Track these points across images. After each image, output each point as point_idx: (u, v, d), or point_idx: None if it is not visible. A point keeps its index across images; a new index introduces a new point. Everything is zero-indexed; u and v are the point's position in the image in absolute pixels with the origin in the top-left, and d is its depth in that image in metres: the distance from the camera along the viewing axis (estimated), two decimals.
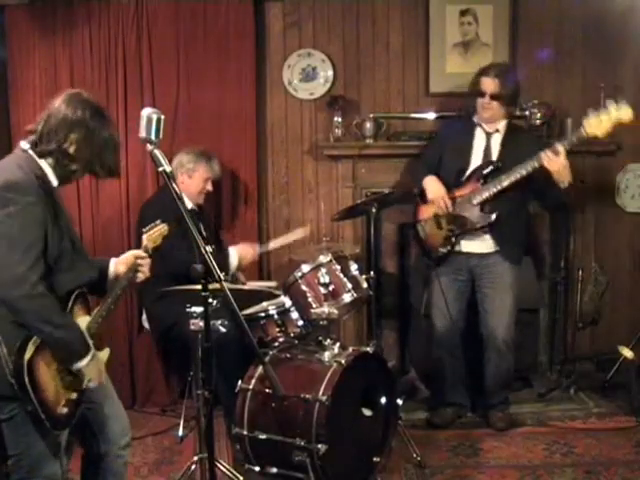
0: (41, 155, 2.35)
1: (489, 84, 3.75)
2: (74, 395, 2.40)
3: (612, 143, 4.50)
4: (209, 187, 4.01)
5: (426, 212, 3.95)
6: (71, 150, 2.35)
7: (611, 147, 4.53)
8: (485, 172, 3.79)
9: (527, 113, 4.45)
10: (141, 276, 2.62)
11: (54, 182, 2.38)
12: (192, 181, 3.95)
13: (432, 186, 3.87)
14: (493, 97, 3.75)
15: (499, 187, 3.71)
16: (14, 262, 2.18)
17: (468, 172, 3.84)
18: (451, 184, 3.86)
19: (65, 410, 2.36)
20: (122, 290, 2.55)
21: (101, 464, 2.60)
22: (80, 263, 2.44)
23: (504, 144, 3.83)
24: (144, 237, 2.66)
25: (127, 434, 2.66)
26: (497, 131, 3.86)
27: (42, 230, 2.26)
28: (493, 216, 3.77)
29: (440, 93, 4.50)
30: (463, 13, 4.48)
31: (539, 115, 4.40)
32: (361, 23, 4.51)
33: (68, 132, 2.34)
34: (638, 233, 4.70)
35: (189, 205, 3.89)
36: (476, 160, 3.84)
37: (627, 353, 4.19)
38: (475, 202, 3.78)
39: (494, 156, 3.82)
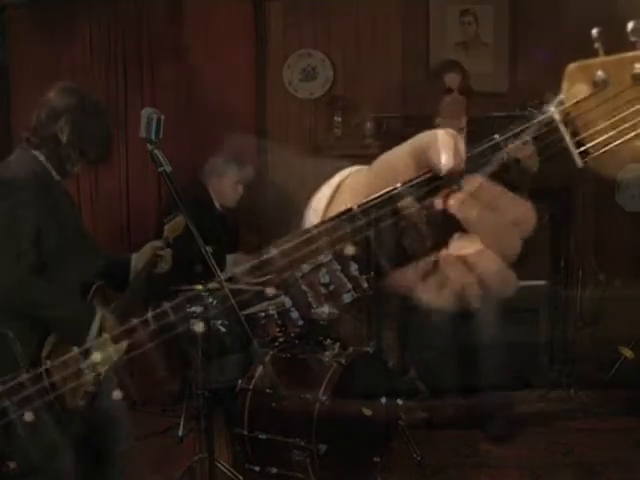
0: (35, 147, 2.35)
1: (455, 79, 3.73)
2: (91, 388, 2.40)
3: None
4: (240, 190, 4.01)
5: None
6: (63, 137, 2.35)
7: None
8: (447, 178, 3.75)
9: (527, 113, 4.45)
10: (164, 266, 2.61)
11: (55, 175, 2.38)
12: (222, 183, 3.94)
13: None
14: (461, 91, 3.74)
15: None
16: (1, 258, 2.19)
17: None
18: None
19: (82, 402, 2.36)
20: (140, 284, 2.53)
21: (97, 470, 2.58)
22: (86, 256, 2.42)
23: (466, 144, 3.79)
24: (165, 228, 2.66)
25: (123, 442, 2.63)
26: (461, 129, 3.83)
27: (33, 224, 2.25)
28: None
29: None
30: (463, 13, 4.48)
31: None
32: (361, 23, 4.51)
33: (57, 119, 2.35)
34: (638, 233, 4.70)
35: (218, 208, 3.91)
36: None
37: (627, 353, 4.19)
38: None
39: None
